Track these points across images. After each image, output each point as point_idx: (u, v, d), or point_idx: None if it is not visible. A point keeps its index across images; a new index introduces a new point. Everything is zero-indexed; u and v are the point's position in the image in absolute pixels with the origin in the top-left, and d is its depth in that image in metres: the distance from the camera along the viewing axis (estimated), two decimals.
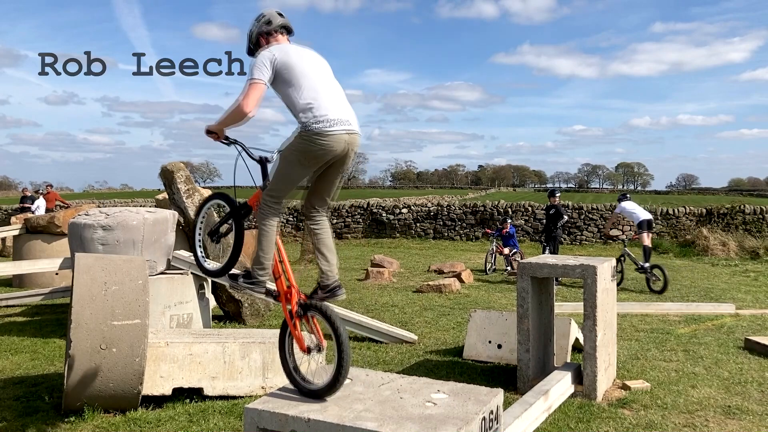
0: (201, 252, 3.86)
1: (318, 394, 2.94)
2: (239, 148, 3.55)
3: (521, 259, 13.43)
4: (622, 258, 11.74)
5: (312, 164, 3.31)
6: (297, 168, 3.31)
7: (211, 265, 3.84)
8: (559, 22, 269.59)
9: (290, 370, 3.24)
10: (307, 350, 3.25)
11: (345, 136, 3.24)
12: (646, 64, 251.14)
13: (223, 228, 3.83)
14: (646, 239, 11.48)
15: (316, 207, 3.55)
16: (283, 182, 3.36)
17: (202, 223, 3.89)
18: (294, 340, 3.33)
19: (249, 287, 3.46)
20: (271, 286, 3.56)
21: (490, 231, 14.73)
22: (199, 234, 3.87)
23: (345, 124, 3.25)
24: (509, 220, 14.77)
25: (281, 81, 3.29)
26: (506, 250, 13.65)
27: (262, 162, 3.55)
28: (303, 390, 3.05)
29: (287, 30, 3.54)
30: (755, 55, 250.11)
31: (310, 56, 3.42)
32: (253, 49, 3.53)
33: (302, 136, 3.21)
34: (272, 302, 3.47)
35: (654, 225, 11.39)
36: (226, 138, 3.54)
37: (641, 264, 11.23)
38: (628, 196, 12.62)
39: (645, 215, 11.76)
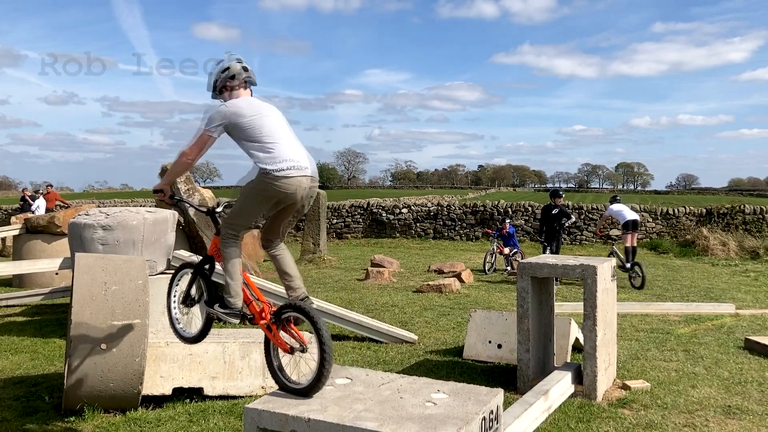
0: (178, 323, 4.03)
1: (303, 392, 3.01)
2: (186, 206, 3.69)
3: (521, 259, 13.43)
4: (611, 256, 11.83)
5: (269, 204, 3.55)
6: (255, 206, 3.57)
7: (188, 332, 3.98)
8: (559, 22, 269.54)
9: (275, 369, 3.35)
10: (291, 350, 3.36)
11: (303, 180, 3.48)
12: (646, 64, 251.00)
13: (194, 291, 3.98)
14: (629, 240, 11.81)
15: (271, 239, 3.78)
16: (240, 217, 3.63)
17: (174, 294, 4.06)
18: (277, 346, 3.44)
19: (224, 315, 3.61)
20: (246, 311, 3.69)
21: (490, 231, 14.73)
22: (174, 305, 4.06)
23: (303, 170, 3.49)
24: (508, 220, 14.79)
25: (240, 132, 3.53)
26: (506, 250, 13.65)
27: (211, 213, 3.85)
28: (288, 389, 3.14)
29: (250, 83, 3.74)
30: (755, 55, 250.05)
31: (268, 108, 3.65)
32: (215, 94, 3.77)
33: (262, 178, 3.45)
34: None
35: (639, 225, 11.70)
36: (172, 197, 3.79)
37: (624, 263, 11.64)
38: (618, 198, 13.05)
39: (630, 216, 12.03)
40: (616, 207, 12.37)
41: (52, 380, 5.42)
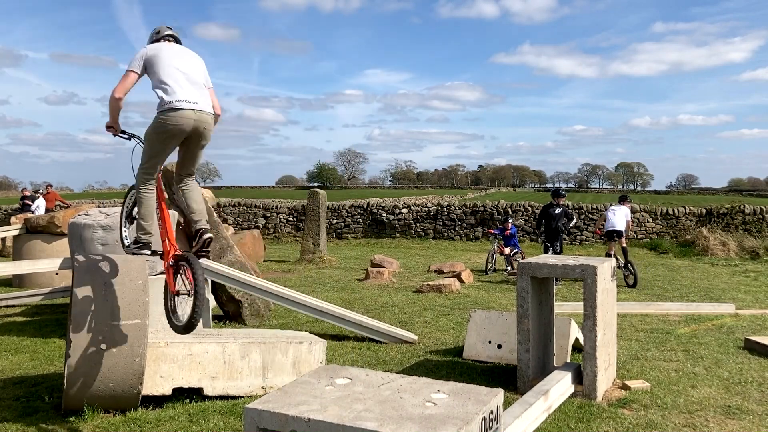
0: (126, 239, 4.61)
1: (180, 330, 3.93)
2: (136, 141, 4.36)
3: (522, 259, 13.42)
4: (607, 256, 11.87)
5: (167, 138, 4.11)
6: (156, 144, 4.13)
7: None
8: (559, 22, 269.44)
9: (168, 311, 4.10)
10: (177, 293, 4.07)
11: (191, 113, 4.03)
12: (646, 64, 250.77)
13: (135, 211, 4.50)
14: (611, 247, 11.88)
15: (183, 175, 4.38)
16: (148, 157, 4.21)
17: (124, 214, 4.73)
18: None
19: (137, 250, 4.24)
20: (158, 247, 4.34)
21: (492, 231, 14.72)
22: (124, 221, 4.73)
23: (192, 104, 4.05)
24: (511, 220, 14.77)
25: (150, 71, 4.14)
26: (507, 250, 13.64)
27: (134, 136, 4.46)
28: (172, 327, 4.02)
29: (173, 38, 4.47)
30: (756, 55, 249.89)
31: (180, 52, 4.29)
32: None
33: (157, 116, 4.05)
34: (158, 259, 4.44)
35: (623, 235, 11.78)
36: (123, 132, 4.37)
37: (618, 261, 11.71)
38: (626, 198, 12.87)
39: (612, 226, 11.98)
40: (610, 211, 12.29)
41: (52, 380, 5.42)
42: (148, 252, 4.22)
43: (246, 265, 8.12)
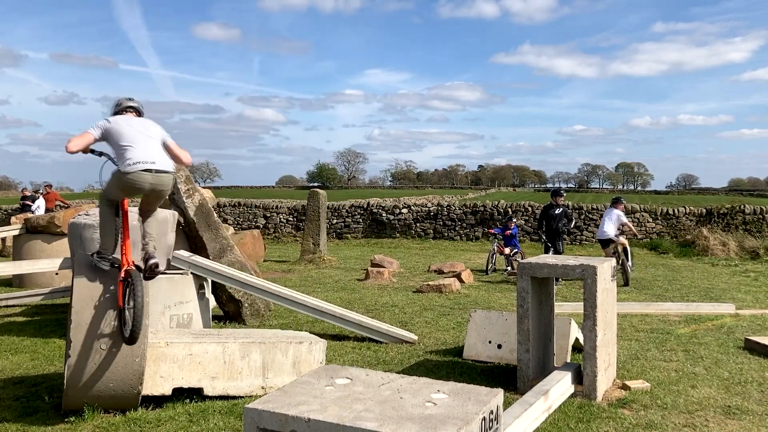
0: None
1: (126, 341, 4.31)
2: (107, 158, 4.75)
3: (522, 259, 13.41)
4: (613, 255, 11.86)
5: (124, 192, 4.61)
6: (114, 191, 4.64)
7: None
8: (559, 22, 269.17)
9: (120, 320, 4.45)
10: (123, 305, 4.43)
11: (146, 175, 4.45)
12: (646, 64, 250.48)
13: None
14: (609, 253, 11.79)
15: (144, 210, 4.86)
16: (108, 194, 4.73)
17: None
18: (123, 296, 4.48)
19: (98, 261, 4.66)
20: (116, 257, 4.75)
21: (492, 231, 14.67)
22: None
23: (149, 164, 4.46)
24: (514, 220, 14.76)
25: (111, 139, 4.60)
26: (507, 250, 13.62)
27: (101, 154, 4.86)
28: (122, 338, 4.38)
29: (134, 109, 4.95)
30: (756, 55, 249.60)
31: (138, 122, 4.75)
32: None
33: (117, 173, 4.51)
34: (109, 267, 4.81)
35: (612, 242, 11.80)
36: (92, 151, 4.76)
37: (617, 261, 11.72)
38: (618, 199, 12.74)
39: (601, 235, 12.01)
40: (605, 216, 12.17)
41: (52, 380, 5.42)
42: (107, 266, 4.65)
43: (246, 265, 8.12)
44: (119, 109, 4.92)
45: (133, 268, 4.52)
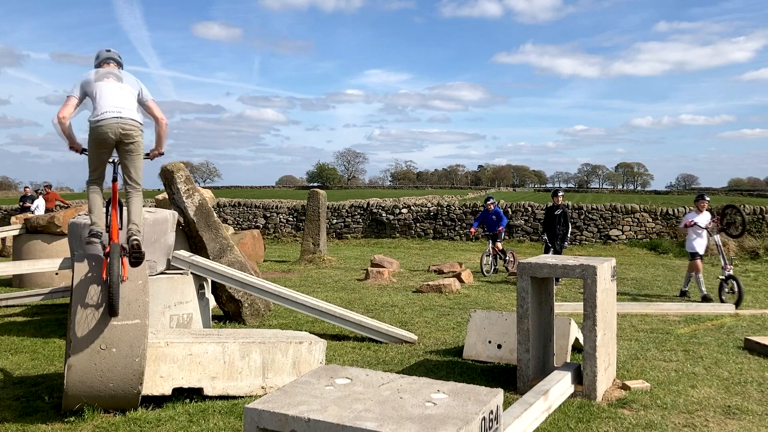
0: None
1: (108, 313, 4.41)
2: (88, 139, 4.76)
3: (513, 258, 13.36)
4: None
5: (96, 146, 4.71)
6: (91, 152, 4.77)
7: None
8: (562, 21, 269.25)
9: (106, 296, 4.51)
10: (106, 280, 4.47)
11: (114, 121, 4.62)
12: (648, 63, 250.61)
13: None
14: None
15: (128, 183, 4.92)
16: (90, 162, 4.83)
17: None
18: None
19: (90, 239, 4.78)
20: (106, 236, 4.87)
21: (474, 231, 14.18)
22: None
23: (115, 113, 4.64)
24: (491, 200, 14.03)
25: (86, 92, 4.78)
26: (500, 245, 13.43)
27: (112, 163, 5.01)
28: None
29: (113, 60, 5.08)
30: (758, 55, 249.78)
31: (113, 74, 4.92)
32: None
33: (89, 129, 4.67)
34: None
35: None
36: (85, 150, 4.87)
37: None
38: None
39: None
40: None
41: (52, 380, 5.42)
42: (98, 241, 4.79)
43: (246, 265, 8.12)
44: (99, 62, 5.06)
45: (117, 243, 4.66)
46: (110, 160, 4.91)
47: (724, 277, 9.67)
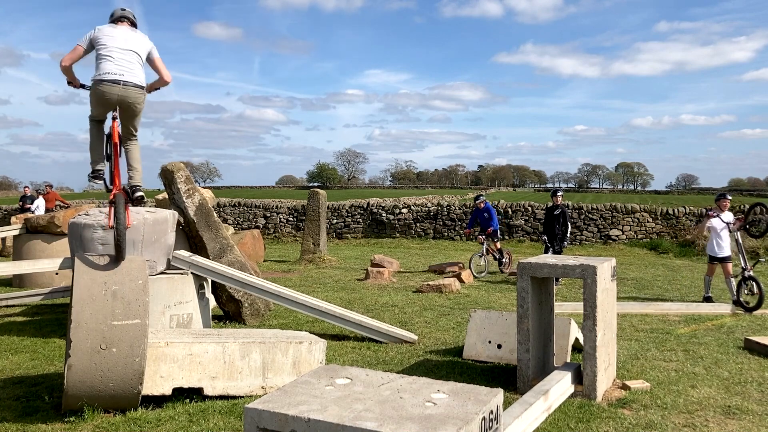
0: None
1: (114, 259, 4.59)
2: (90, 89, 4.96)
3: (507, 258, 13.32)
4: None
5: (98, 105, 4.89)
6: (93, 105, 4.96)
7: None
8: (562, 21, 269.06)
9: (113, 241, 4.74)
10: (112, 227, 4.73)
11: (116, 87, 4.76)
12: (649, 63, 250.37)
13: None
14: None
15: (124, 135, 5.10)
16: (91, 111, 5.05)
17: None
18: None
19: (92, 179, 5.02)
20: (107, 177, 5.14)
21: (469, 231, 14.03)
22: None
23: (118, 76, 4.77)
24: (482, 196, 13.82)
25: (96, 47, 4.89)
26: (498, 245, 13.35)
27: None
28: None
29: (127, 18, 5.14)
30: (759, 55, 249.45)
31: (122, 33, 4.98)
32: None
33: (92, 83, 4.83)
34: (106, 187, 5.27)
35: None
36: (83, 85, 5.08)
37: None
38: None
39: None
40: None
41: (52, 380, 5.42)
42: (100, 181, 5.05)
43: (246, 265, 8.12)
44: (113, 19, 5.14)
45: (120, 191, 4.88)
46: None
47: (743, 278, 9.28)
